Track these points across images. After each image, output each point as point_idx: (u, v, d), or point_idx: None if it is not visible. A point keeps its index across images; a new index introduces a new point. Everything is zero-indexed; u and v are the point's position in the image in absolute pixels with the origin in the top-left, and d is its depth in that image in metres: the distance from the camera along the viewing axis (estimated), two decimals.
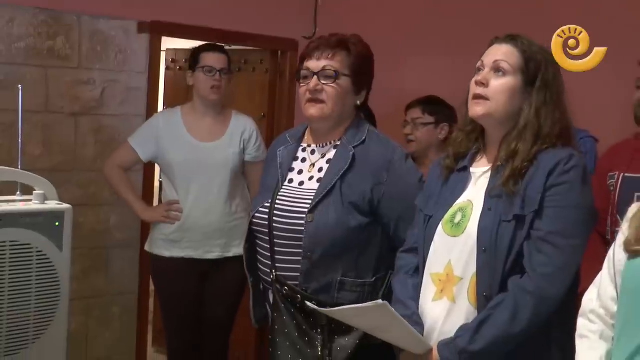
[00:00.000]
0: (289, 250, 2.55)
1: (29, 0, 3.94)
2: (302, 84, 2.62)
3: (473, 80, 2.25)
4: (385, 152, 2.59)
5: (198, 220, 3.71)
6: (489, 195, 2.18)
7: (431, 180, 2.40)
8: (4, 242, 2.35)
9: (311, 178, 2.61)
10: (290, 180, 2.64)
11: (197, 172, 3.71)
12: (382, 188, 2.53)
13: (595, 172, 3.15)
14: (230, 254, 3.75)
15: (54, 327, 2.48)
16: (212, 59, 3.77)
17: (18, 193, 2.56)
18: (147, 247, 3.90)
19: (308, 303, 2.44)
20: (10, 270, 2.37)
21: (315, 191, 2.55)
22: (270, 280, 2.58)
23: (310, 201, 2.54)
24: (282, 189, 2.62)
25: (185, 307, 3.78)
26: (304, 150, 2.69)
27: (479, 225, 2.15)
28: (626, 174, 3.02)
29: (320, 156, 2.65)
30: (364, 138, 2.61)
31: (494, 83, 2.21)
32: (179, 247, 3.74)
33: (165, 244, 3.76)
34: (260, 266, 2.67)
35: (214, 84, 3.74)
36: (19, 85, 2.68)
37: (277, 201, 2.59)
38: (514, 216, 2.12)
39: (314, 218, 2.50)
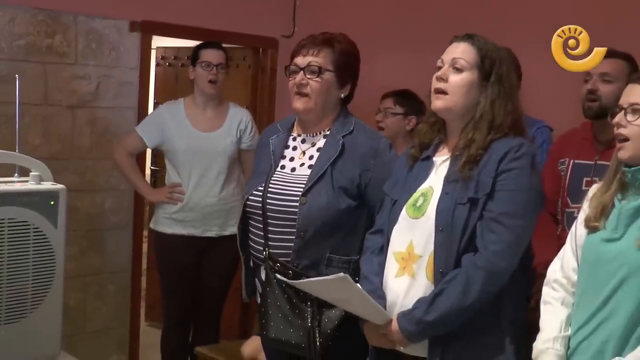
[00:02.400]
0: (281, 230, 2.57)
1: (29, 1, 3.93)
2: (290, 79, 2.64)
3: (434, 76, 2.28)
4: (372, 142, 2.62)
5: (199, 202, 3.81)
6: (447, 180, 2.21)
7: (398, 167, 2.42)
8: (3, 219, 2.33)
9: (302, 165, 2.63)
10: (282, 167, 2.66)
11: (198, 158, 3.80)
12: (369, 174, 2.56)
13: (548, 159, 3.19)
14: (227, 233, 3.83)
15: (50, 297, 2.47)
16: (210, 55, 3.83)
17: (16, 175, 2.56)
18: (151, 225, 3.99)
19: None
20: (8, 246, 2.35)
21: (307, 176, 2.57)
22: (262, 257, 2.60)
23: (302, 185, 2.56)
24: (274, 174, 2.64)
25: (183, 279, 3.86)
26: (294, 139, 2.71)
27: (437, 208, 2.19)
28: (575, 161, 3.05)
29: (310, 145, 2.66)
30: (352, 129, 2.63)
31: (452, 78, 2.23)
32: (181, 225, 3.83)
33: (168, 222, 3.86)
34: (252, 244, 2.68)
35: (211, 77, 3.81)
36: (16, 75, 2.68)
37: (271, 185, 2.61)
38: (468, 199, 2.15)
39: (307, 200, 2.53)
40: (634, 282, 1.94)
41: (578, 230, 2.14)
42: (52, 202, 2.45)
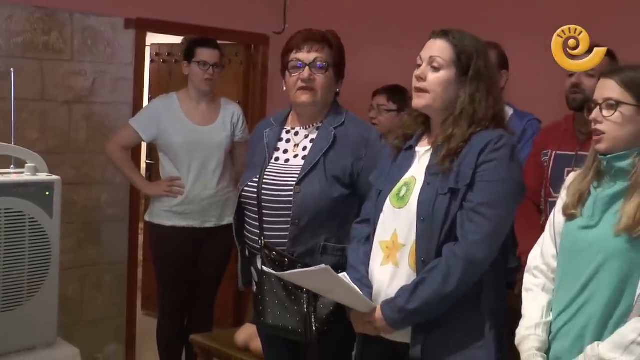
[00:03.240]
0: (277, 219, 2.56)
1: None
2: (292, 75, 2.61)
3: (414, 75, 2.27)
4: (363, 132, 2.63)
5: (198, 195, 3.79)
6: (429, 171, 2.21)
7: (383, 159, 2.42)
8: None
9: (296, 156, 2.62)
10: (277, 159, 2.65)
11: (197, 152, 3.78)
12: (361, 163, 2.56)
13: (532, 151, 3.19)
14: (224, 223, 3.83)
15: (46, 286, 2.46)
16: (206, 55, 3.79)
17: (12, 166, 2.54)
18: (147, 218, 3.95)
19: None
20: (5, 235, 2.34)
21: (300, 167, 2.57)
22: (258, 247, 2.59)
23: (296, 175, 2.55)
24: (269, 166, 2.63)
25: (180, 268, 3.84)
26: (287, 132, 2.70)
27: (418, 198, 2.18)
28: (557, 152, 3.05)
29: (303, 137, 2.66)
30: (343, 120, 2.63)
31: (431, 77, 2.22)
32: (180, 218, 3.81)
33: (167, 215, 3.82)
34: (248, 234, 2.68)
35: (207, 77, 3.78)
36: (11, 69, 2.66)
37: (265, 176, 2.60)
38: (449, 189, 2.14)
39: (301, 189, 2.52)
40: (610, 268, 1.95)
41: (556, 218, 2.14)
42: (47, 193, 2.43)
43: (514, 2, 3.82)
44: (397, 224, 2.22)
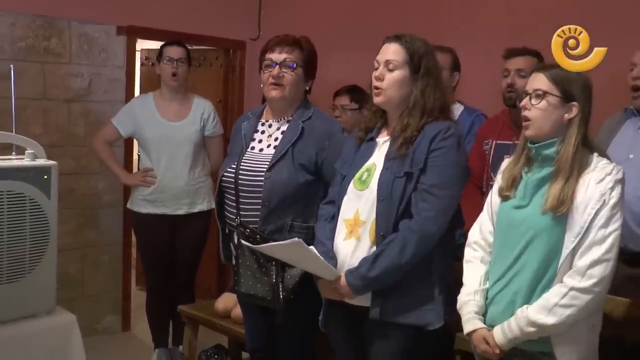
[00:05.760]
0: (250, 201, 2.58)
1: (28, 8, 3.90)
2: (265, 72, 2.63)
3: (372, 75, 2.31)
4: (327, 126, 2.64)
5: (169, 184, 3.71)
6: (387, 158, 2.25)
7: (347, 149, 2.45)
8: (2, 191, 2.30)
9: (269, 146, 2.64)
10: (252, 148, 2.66)
11: (167, 146, 3.71)
12: (324, 153, 2.57)
13: (475, 140, 3.23)
14: (195, 210, 3.77)
15: (46, 260, 2.46)
16: (171, 51, 3.75)
17: (13, 153, 2.53)
18: (128, 205, 3.90)
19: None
20: (7, 215, 2.33)
21: (272, 155, 2.59)
22: (235, 225, 2.60)
23: (268, 163, 2.57)
24: (245, 154, 2.65)
25: (159, 251, 3.79)
26: (262, 124, 2.71)
27: (378, 181, 2.22)
28: (497, 141, 3.07)
29: (276, 129, 2.67)
30: (310, 115, 2.64)
31: (387, 77, 2.27)
32: (154, 205, 3.74)
33: (143, 203, 3.76)
34: (227, 214, 2.68)
35: (172, 71, 3.71)
36: (11, 65, 2.65)
37: (242, 164, 2.62)
38: (404, 173, 2.19)
39: (271, 175, 2.54)
40: (538, 242, 1.99)
41: (493, 199, 2.17)
42: (45, 176, 2.42)
43: (463, 10, 3.83)
44: (359, 204, 2.26)
